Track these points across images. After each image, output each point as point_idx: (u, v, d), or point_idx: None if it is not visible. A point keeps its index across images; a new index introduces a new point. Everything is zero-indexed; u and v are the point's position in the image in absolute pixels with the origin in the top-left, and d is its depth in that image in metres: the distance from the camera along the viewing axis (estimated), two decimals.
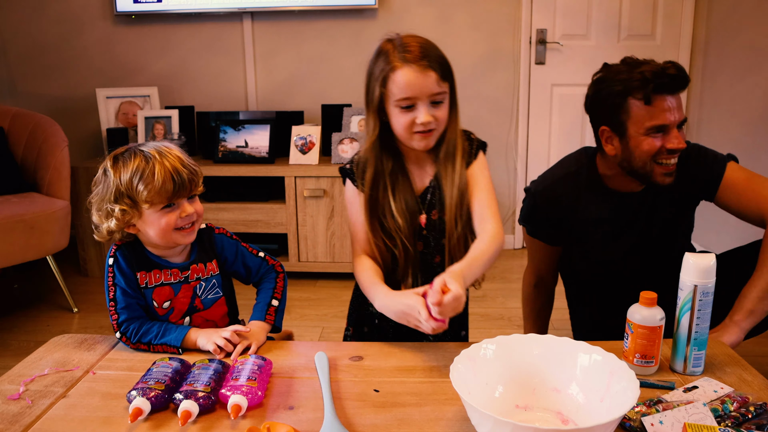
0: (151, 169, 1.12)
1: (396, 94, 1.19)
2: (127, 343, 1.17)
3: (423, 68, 1.18)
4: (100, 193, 1.17)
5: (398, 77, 1.19)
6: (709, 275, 1.01)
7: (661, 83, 1.31)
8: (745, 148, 2.89)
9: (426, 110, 1.20)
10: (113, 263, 1.21)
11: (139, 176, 1.12)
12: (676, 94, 1.34)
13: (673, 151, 1.36)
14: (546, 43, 3.33)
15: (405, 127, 1.22)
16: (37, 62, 3.52)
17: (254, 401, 0.96)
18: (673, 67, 1.32)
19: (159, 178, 1.12)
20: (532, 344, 0.98)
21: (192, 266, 1.25)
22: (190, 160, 1.20)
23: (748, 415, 0.89)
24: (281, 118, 3.28)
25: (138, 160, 1.14)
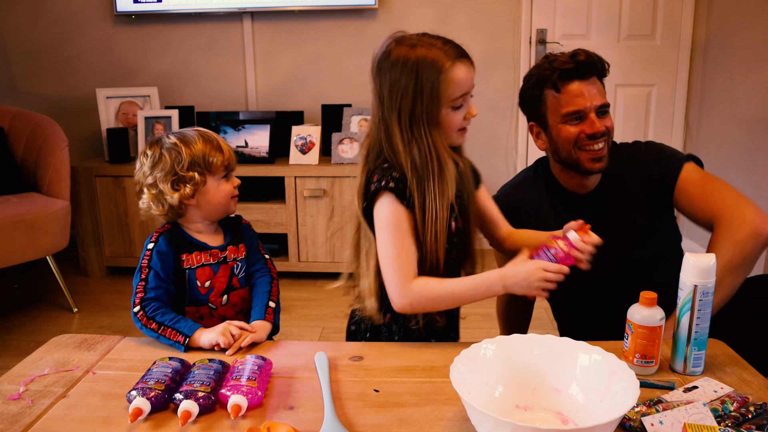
0: (215, 143, 1.28)
1: (455, 91, 1.14)
2: (141, 319, 1.18)
3: (471, 62, 1.17)
4: (169, 165, 1.24)
5: (455, 74, 1.13)
6: (709, 275, 1.01)
7: (568, 69, 1.33)
8: (745, 148, 2.89)
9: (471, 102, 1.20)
10: (153, 247, 1.26)
11: (209, 146, 1.26)
12: (587, 79, 1.33)
13: (593, 136, 1.34)
14: (546, 43, 3.33)
15: (456, 125, 1.18)
16: (37, 62, 3.52)
17: (254, 401, 0.96)
18: (583, 54, 1.33)
19: (225, 149, 1.29)
20: (532, 344, 0.98)
21: (229, 247, 1.33)
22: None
23: (748, 415, 0.89)
24: (281, 118, 3.28)
25: (198, 136, 1.28)
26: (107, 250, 3.15)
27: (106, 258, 3.16)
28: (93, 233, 3.13)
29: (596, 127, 1.33)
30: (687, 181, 1.37)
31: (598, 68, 1.34)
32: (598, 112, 1.34)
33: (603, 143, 1.36)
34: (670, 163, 1.39)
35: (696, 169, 1.39)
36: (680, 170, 1.37)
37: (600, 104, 1.34)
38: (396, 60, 1.14)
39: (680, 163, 1.38)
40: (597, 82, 1.35)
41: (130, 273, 3.13)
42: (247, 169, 2.97)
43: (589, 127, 1.34)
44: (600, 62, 1.35)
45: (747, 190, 2.85)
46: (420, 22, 3.31)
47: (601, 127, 1.33)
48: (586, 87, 1.33)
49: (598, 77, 1.36)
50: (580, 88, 1.33)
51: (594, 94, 1.34)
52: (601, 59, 1.36)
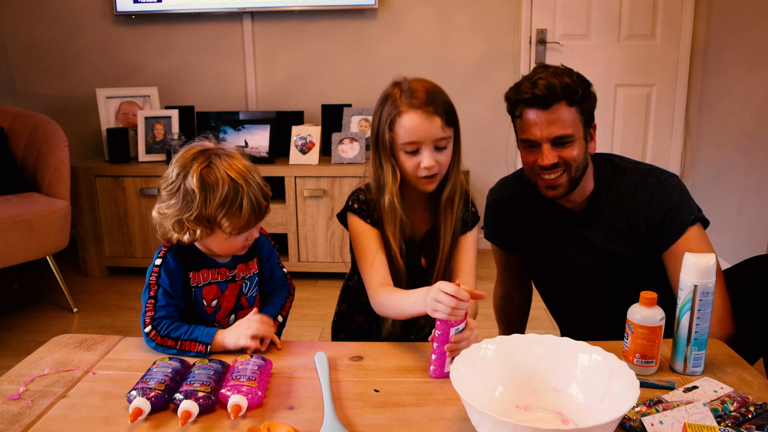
0: (239, 203, 1.14)
1: (402, 137, 1.21)
2: (155, 338, 1.14)
3: (428, 114, 1.19)
4: (178, 207, 1.15)
5: (404, 122, 1.20)
6: (709, 275, 1.01)
7: (522, 98, 1.28)
8: (745, 148, 2.89)
9: (430, 155, 1.21)
10: (161, 264, 1.20)
11: (225, 209, 1.13)
12: (546, 108, 1.26)
13: (543, 167, 1.30)
14: (546, 43, 3.32)
15: (410, 171, 1.24)
16: (37, 62, 3.52)
17: (254, 401, 0.96)
18: (543, 84, 1.25)
19: (245, 214, 1.14)
20: (532, 344, 0.98)
21: (238, 265, 1.28)
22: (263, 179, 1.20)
23: (748, 415, 0.89)
24: (281, 118, 3.28)
25: (227, 186, 1.13)
26: (107, 250, 3.15)
27: (106, 258, 3.16)
28: (93, 233, 3.13)
29: (545, 159, 1.28)
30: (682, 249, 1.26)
31: (561, 97, 1.25)
32: (554, 143, 1.28)
33: (557, 174, 1.30)
34: (676, 223, 1.30)
35: (698, 236, 1.30)
36: (681, 235, 1.30)
37: (556, 135, 1.27)
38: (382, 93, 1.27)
39: (684, 228, 1.30)
40: (561, 111, 1.26)
41: (130, 273, 3.14)
42: None
43: (540, 158, 1.30)
44: (566, 90, 1.25)
45: (747, 190, 2.86)
46: (420, 22, 3.31)
47: (551, 160, 1.28)
48: (543, 116, 1.27)
49: (568, 103, 1.26)
50: (536, 118, 1.27)
51: (550, 124, 1.27)
52: (568, 87, 1.25)
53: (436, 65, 3.34)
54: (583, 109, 1.29)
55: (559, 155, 1.29)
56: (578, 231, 1.41)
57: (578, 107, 1.28)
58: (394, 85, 1.25)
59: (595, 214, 1.39)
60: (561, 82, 1.25)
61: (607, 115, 3.40)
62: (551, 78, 1.25)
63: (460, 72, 3.34)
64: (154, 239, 3.09)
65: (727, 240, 2.97)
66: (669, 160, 3.43)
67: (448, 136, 1.23)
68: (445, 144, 1.23)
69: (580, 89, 1.27)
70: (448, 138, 1.24)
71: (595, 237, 1.39)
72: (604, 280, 1.42)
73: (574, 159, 1.30)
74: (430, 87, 1.23)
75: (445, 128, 1.22)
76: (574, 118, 1.28)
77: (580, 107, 1.29)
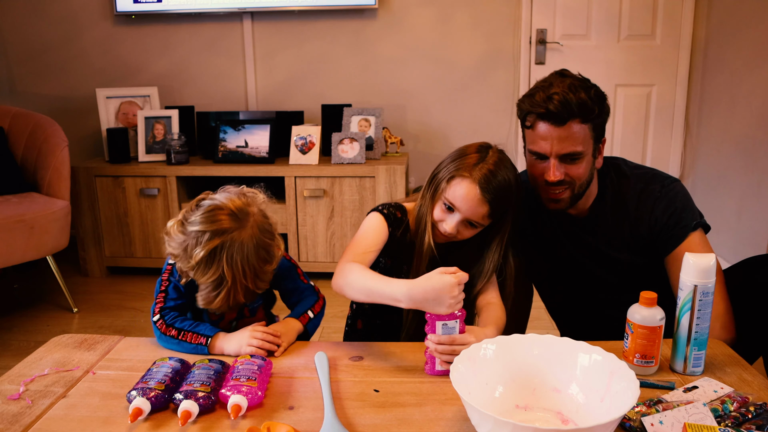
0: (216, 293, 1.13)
1: (447, 197, 1.23)
2: (161, 327, 1.17)
3: (480, 199, 1.20)
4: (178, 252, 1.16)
5: (458, 187, 1.21)
6: (709, 275, 1.01)
7: (537, 112, 1.25)
8: (745, 148, 2.89)
9: (457, 224, 1.23)
10: (174, 263, 1.22)
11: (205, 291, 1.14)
12: (560, 125, 1.23)
13: (549, 183, 1.28)
14: (546, 43, 3.32)
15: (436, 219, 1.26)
16: (37, 62, 3.52)
17: (254, 401, 0.96)
18: (559, 99, 1.22)
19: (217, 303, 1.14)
20: (532, 344, 0.98)
21: None
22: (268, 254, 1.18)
23: (748, 415, 0.89)
24: (281, 118, 3.28)
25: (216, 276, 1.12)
26: (107, 250, 3.15)
27: (106, 258, 3.16)
28: (93, 233, 3.13)
29: (551, 175, 1.27)
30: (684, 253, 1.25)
31: (576, 115, 1.22)
32: (563, 159, 1.26)
33: (560, 190, 1.30)
34: (678, 228, 1.30)
35: (699, 241, 1.30)
36: (684, 239, 1.29)
37: (566, 152, 1.25)
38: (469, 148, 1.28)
39: (687, 233, 1.29)
40: (573, 128, 1.24)
41: (130, 273, 3.14)
42: (247, 169, 2.97)
43: (547, 173, 1.28)
44: (582, 107, 1.22)
45: (747, 190, 2.86)
46: (420, 22, 3.31)
47: (557, 176, 1.26)
48: (555, 132, 1.24)
49: (582, 121, 1.24)
50: (547, 132, 1.25)
51: (561, 140, 1.24)
52: (584, 105, 1.22)
53: (436, 65, 3.34)
54: (595, 124, 1.27)
55: (566, 172, 1.27)
56: (581, 236, 1.41)
57: (591, 123, 1.26)
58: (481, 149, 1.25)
59: (598, 221, 1.39)
60: (577, 98, 1.22)
61: None
62: (567, 93, 1.22)
63: (460, 72, 3.34)
64: (154, 239, 3.09)
65: (727, 240, 2.97)
66: (669, 161, 3.43)
67: (484, 224, 1.25)
68: (478, 225, 1.24)
69: (597, 107, 1.24)
70: (482, 224, 1.25)
71: (598, 243, 1.39)
72: (606, 283, 1.42)
73: (580, 176, 1.29)
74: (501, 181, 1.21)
75: (486, 218, 1.23)
76: (586, 135, 1.25)
77: (593, 123, 1.26)
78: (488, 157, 1.22)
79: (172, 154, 3.06)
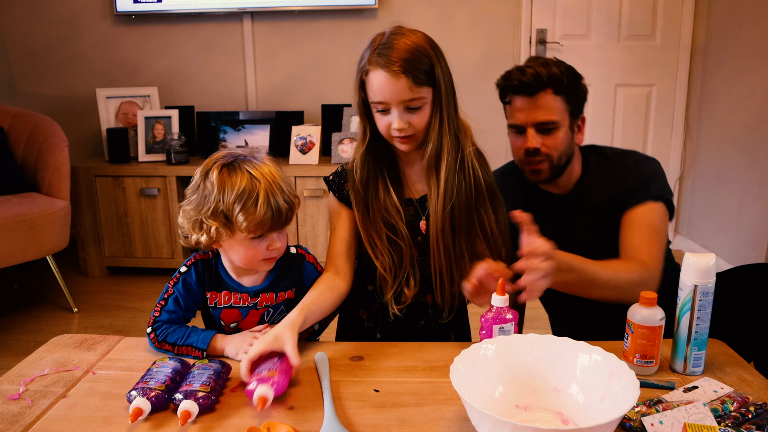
0: (255, 197, 1.08)
1: (371, 96, 1.18)
2: (154, 341, 1.15)
3: (394, 74, 1.12)
4: (197, 203, 1.11)
5: (371, 80, 1.16)
6: (709, 275, 1.01)
7: (510, 85, 1.34)
8: (745, 148, 2.89)
9: (399, 116, 1.16)
10: (184, 272, 1.19)
11: (242, 202, 1.08)
12: (533, 95, 1.30)
13: (528, 152, 1.33)
14: (546, 43, 3.33)
15: (383, 130, 1.20)
16: (37, 62, 3.52)
17: (280, 390, 0.96)
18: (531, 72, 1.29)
19: (261, 209, 1.08)
20: (532, 344, 0.98)
21: (262, 294, 1.21)
22: (290, 187, 1.15)
23: (748, 415, 0.89)
24: (281, 118, 3.28)
25: (245, 181, 1.08)
26: (107, 250, 3.15)
27: (106, 258, 3.16)
28: (93, 233, 3.13)
29: (528, 142, 1.33)
30: (634, 218, 1.31)
31: (547, 85, 1.29)
32: (538, 128, 1.32)
33: (539, 160, 1.34)
34: (642, 193, 1.33)
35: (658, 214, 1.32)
36: (643, 203, 1.32)
37: (540, 120, 1.31)
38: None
39: (648, 198, 1.32)
40: (546, 98, 1.30)
41: (130, 273, 3.14)
42: None
43: (525, 143, 1.34)
44: (552, 78, 1.29)
45: (747, 190, 2.86)
46: (420, 22, 3.30)
47: (533, 144, 1.32)
48: (529, 102, 1.31)
49: (555, 92, 1.30)
50: (521, 103, 1.33)
51: (534, 109, 1.31)
52: (555, 76, 1.29)
53: None
54: (569, 98, 1.33)
55: (543, 142, 1.33)
56: (562, 216, 1.44)
57: (565, 96, 1.32)
58: (378, 35, 1.19)
59: (579, 198, 1.43)
60: (548, 71, 1.30)
61: (607, 115, 3.40)
62: (539, 67, 1.30)
63: (460, 72, 3.32)
64: (154, 239, 3.09)
65: (727, 240, 2.97)
66: (669, 160, 3.44)
67: (420, 96, 1.15)
68: (418, 104, 1.16)
69: (566, 78, 1.31)
70: (421, 99, 1.16)
71: (578, 219, 1.42)
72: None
73: (557, 147, 1.33)
74: (406, 44, 1.14)
75: (415, 88, 1.14)
76: (560, 107, 1.32)
77: (566, 96, 1.32)
78: (375, 39, 1.18)
79: (172, 154, 3.06)
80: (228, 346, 1.14)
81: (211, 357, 1.13)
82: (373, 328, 1.35)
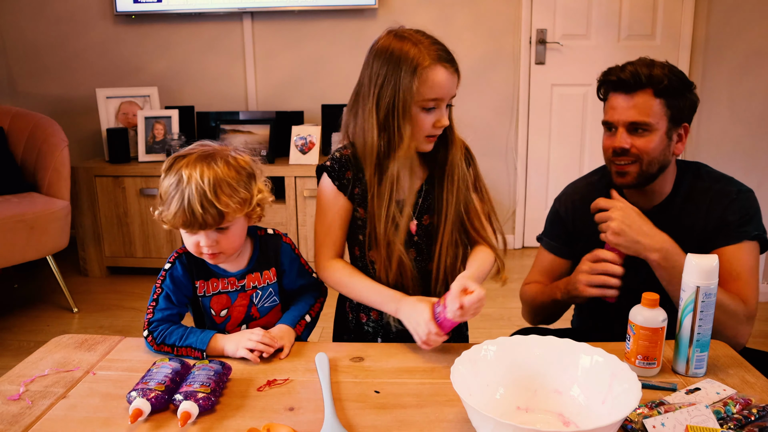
0: (172, 197, 1.10)
1: (425, 93, 1.16)
2: (152, 343, 1.14)
3: (453, 70, 1.18)
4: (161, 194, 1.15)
5: (429, 76, 1.15)
6: (711, 276, 1.01)
7: (609, 81, 1.29)
8: (745, 148, 2.89)
9: (445, 112, 1.20)
10: (169, 269, 1.20)
11: (169, 194, 1.11)
12: (630, 93, 1.25)
13: (614, 152, 1.28)
14: (546, 43, 3.32)
15: (425, 129, 1.19)
16: (37, 62, 3.52)
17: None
18: (630, 69, 1.25)
19: (174, 207, 1.09)
20: (534, 345, 0.98)
21: (248, 275, 1.24)
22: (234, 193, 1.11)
23: (750, 417, 0.89)
24: (281, 118, 3.28)
25: (174, 179, 1.11)
26: (107, 250, 3.15)
27: (106, 258, 3.16)
28: (93, 233, 3.13)
29: (616, 142, 1.28)
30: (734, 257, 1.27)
31: (646, 85, 1.24)
32: (630, 129, 1.26)
33: (627, 162, 1.28)
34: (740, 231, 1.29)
35: (751, 252, 1.29)
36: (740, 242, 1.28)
37: (632, 120, 1.25)
38: (381, 48, 1.18)
39: (745, 237, 1.28)
40: (643, 98, 1.25)
41: (130, 273, 3.14)
42: None
43: (613, 141, 1.29)
44: (652, 79, 1.23)
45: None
46: (420, 22, 3.28)
47: (621, 143, 1.27)
48: (623, 100, 1.26)
49: (654, 93, 1.24)
50: (616, 101, 1.28)
51: (628, 108, 1.25)
52: (655, 77, 1.23)
53: None
54: (671, 103, 1.26)
55: (633, 143, 1.27)
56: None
57: (665, 100, 1.25)
58: (400, 39, 1.18)
59: (665, 217, 1.34)
60: (650, 71, 1.24)
61: None
62: (642, 67, 1.25)
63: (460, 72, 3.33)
64: (154, 239, 3.09)
65: None
66: None
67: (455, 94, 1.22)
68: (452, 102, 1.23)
69: (667, 80, 1.24)
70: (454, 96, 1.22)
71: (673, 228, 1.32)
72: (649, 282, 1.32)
73: (648, 151, 1.26)
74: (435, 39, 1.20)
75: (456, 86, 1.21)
76: (657, 109, 1.25)
77: (667, 101, 1.25)
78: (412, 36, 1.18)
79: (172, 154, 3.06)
80: (227, 344, 1.13)
81: (212, 357, 1.13)
82: (373, 333, 1.35)
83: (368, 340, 1.35)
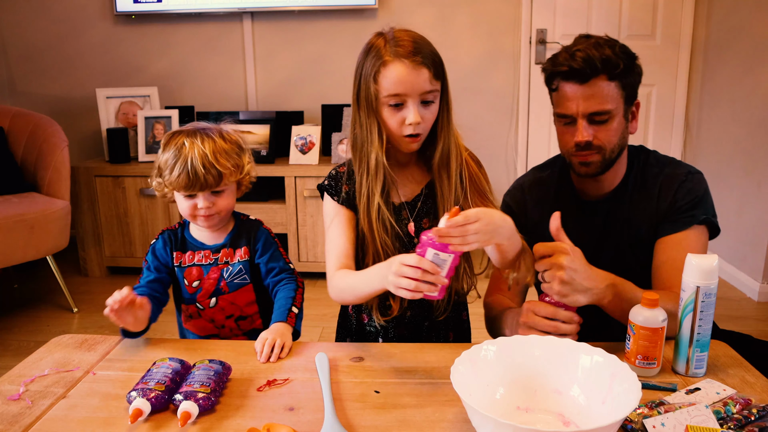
0: (175, 161, 1.23)
1: (386, 89, 1.13)
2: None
3: (415, 64, 1.11)
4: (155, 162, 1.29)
5: (389, 72, 1.12)
6: (711, 276, 1.01)
7: (560, 71, 1.20)
8: (745, 148, 2.89)
9: (415, 109, 1.13)
10: (153, 243, 1.35)
11: (169, 163, 1.24)
12: (585, 82, 1.18)
13: (578, 146, 1.22)
14: (546, 43, 3.32)
15: (394, 128, 1.16)
16: (37, 62, 3.52)
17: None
18: (581, 56, 1.17)
19: (177, 171, 1.23)
20: (534, 345, 0.98)
21: (222, 249, 1.34)
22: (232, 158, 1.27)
23: (750, 417, 0.89)
24: (281, 118, 3.28)
25: (178, 145, 1.24)
26: (107, 250, 3.15)
27: (106, 258, 3.16)
28: (93, 233, 3.13)
29: (580, 135, 1.21)
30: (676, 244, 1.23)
31: (601, 71, 1.17)
32: (590, 119, 1.20)
33: (590, 153, 1.23)
34: (688, 216, 1.25)
35: (698, 237, 1.24)
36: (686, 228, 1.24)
37: (593, 111, 1.19)
38: (365, 45, 1.19)
39: (692, 222, 1.24)
40: (599, 85, 1.18)
41: (130, 273, 3.14)
42: None
43: (575, 135, 1.22)
44: (606, 63, 1.17)
45: (747, 190, 2.85)
46: (420, 22, 3.31)
47: (585, 137, 1.20)
48: (580, 90, 1.19)
49: (608, 77, 1.18)
50: (572, 91, 1.20)
51: (587, 98, 1.19)
52: (609, 60, 1.17)
53: None
54: (624, 83, 1.21)
55: (595, 134, 1.21)
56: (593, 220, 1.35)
57: (619, 82, 1.20)
58: (378, 35, 1.17)
59: (616, 206, 1.32)
60: (601, 54, 1.17)
61: None
62: (591, 50, 1.17)
63: (460, 72, 3.33)
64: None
65: (727, 240, 2.97)
66: None
67: (436, 89, 1.15)
68: (432, 98, 1.15)
69: (622, 62, 1.18)
70: (435, 92, 1.15)
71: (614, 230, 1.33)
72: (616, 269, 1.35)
73: (610, 140, 1.22)
74: (416, 37, 1.15)
75: (433, 81, 1.14)
76: (614, 94, 1.20)
77: (621, 82, 1.20)
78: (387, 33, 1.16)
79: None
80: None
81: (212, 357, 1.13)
82: (375, 333, 1.35)
83: (370, 341, 1.35)
